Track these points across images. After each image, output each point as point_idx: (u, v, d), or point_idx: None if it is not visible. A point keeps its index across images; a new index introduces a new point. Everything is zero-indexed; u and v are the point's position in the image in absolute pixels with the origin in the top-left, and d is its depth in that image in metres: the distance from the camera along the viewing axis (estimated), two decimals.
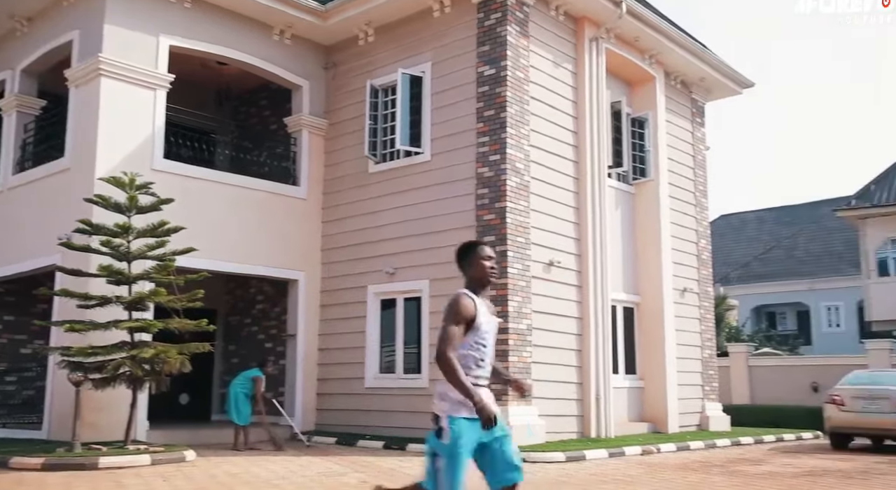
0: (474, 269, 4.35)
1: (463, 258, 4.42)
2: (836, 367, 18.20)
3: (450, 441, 4.06)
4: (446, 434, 4.07)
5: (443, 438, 4.09)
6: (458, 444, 4.06)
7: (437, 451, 4.12)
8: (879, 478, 9.65)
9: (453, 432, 4.06)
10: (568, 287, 13.30)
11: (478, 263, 4.34)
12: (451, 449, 4.05)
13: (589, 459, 10.88)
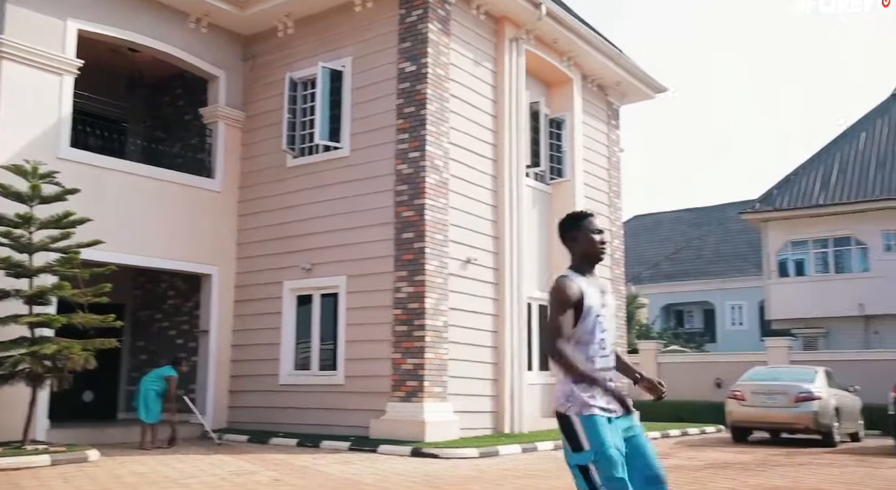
0: (581, 244, 3.74)
1: (567, 231, 3.80)
2: (738, 364, 18.96)
3: (593, 444, 3.40)
4: (584, 437, 3.42)
5: (582, 445, 3.42)
6: (604, 443, 3.40)
7: (583, 463, 3.41)
8: (776, 469, 10.10)
9: (593, 432, 3.41)
10: (485, 284, 13.43)
11: (586, 238, 3.73)
12: (599, 452, 3.38)
13: (502, 455, 11.02)
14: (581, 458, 3.41)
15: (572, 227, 3.77)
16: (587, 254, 3.73)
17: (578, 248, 3.74)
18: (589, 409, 3.43)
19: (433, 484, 8.03)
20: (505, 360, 13.41)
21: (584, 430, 3.42)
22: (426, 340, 11.96)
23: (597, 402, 3.45)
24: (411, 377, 11.93)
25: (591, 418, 3.42)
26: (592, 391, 3.46)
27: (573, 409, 3.46)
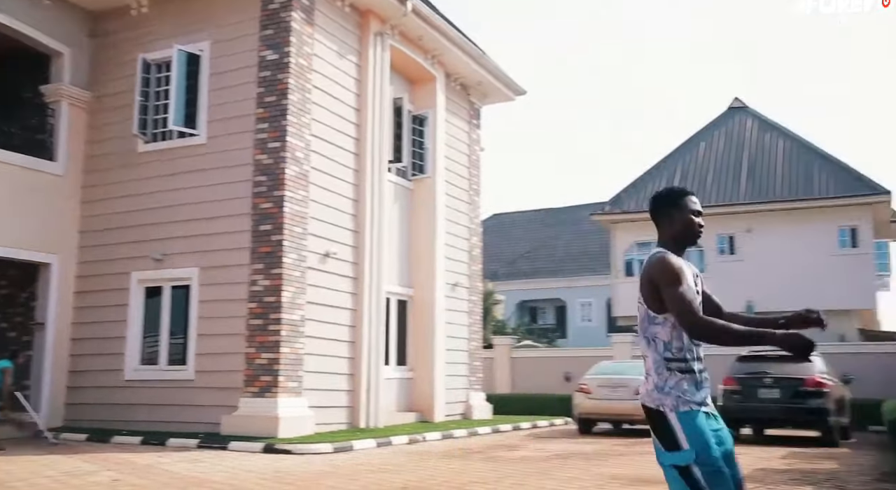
0: (677, 223, 3.27)
1: (663, 206, 3.32)
2: (586, 359, 19.79)
3: (692, 442, 2.99)
4: (682, 435, 3.01)
5: (680, 444, 3.01)
6: (706, 443, 3.00)
7: (680, 463, 3.01)
8: (618, 458, 10.65)
9: (692, 428, 3.01)
10: (343, 279, 13.35)
11: (684, 217, 3.28)
12: (699, 451, 2.98)
13: (357, 449, 10.99)
14: (678, 457, 3.00)
15: (670, 203, 3.31)
16: (682, 235, 3.28)
17: (672, 228, 3.28)
18: (686, 405, 3.04)
19: (284, 480, 7.91)
20: (362, 354, 13.39)
21: (684, 428, 3.01)
22: (282, 335, 11.75)
23: (694, 398, 3.06)
24: (265, 372, 11.69)
25: (690, 414, 3.03)
26: (690, 385, 3.08)
27: (669, 401, 3.05)
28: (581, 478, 8.42)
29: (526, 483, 7.96)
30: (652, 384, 3.12)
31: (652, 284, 3.12)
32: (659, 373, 3.10)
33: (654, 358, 3.13)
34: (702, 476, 2.95)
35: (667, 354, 3.10)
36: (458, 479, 8.21)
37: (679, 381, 3.07)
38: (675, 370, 3.08)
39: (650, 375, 3.14)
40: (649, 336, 3.15)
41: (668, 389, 3.07)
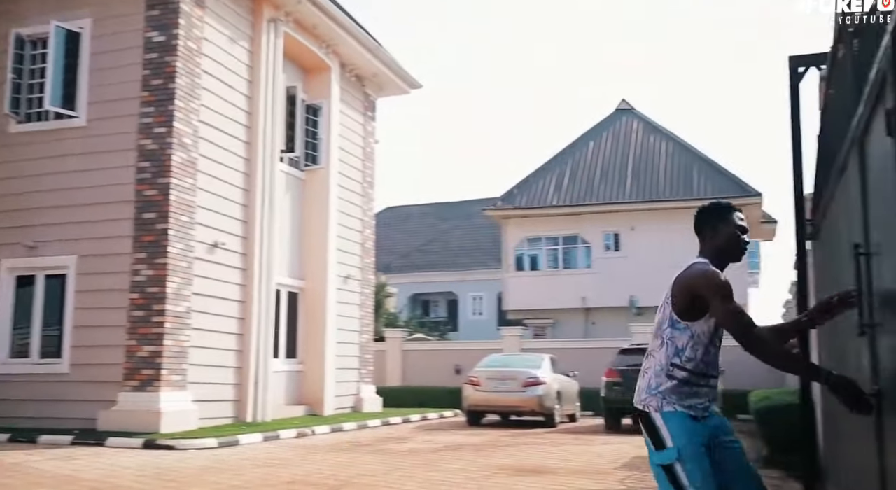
0: (722, 237, 3.21)
1: (710, 219, 3.26)
2: (476, 352, 20.09)
3: (676, 440, 3.01)
4: (666, 433, 3.03)
5: (665, 443, 3.02)
6: (688, 441, 3.00)
7: (665, 462, 3.03)
8: (504, 449, 10.85)
9: (675, 427, 3.02)
10: (232, 270, 13.02)
11: (731, 233, 3.21)
12: (684, 449, 2.99)
13: (243, 444, 10.76)
14: (664, 456, 3.02)
15: (719, 217, 3.24)
16: (726, 250, 3.21)
17: (716, 241, 3.22)
18: (670, 405, 3.05)
19: (164, 477, 7.65)
20: (251, 347, 13.10)
21: (668, 427, 3.03)
22: (166, 327, 11.34)
23: (682, 401, 3.06)
24: (147, 365, 11.26)
25: (674, 414, 3.04)
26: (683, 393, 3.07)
27: (653, 404, 3.08)
28: (468, 469, 8.54)
29: (414, 475, 8.00)
30: (645, 384, 3.13)
31: (691, 293, 3.06)
32: (658, 374, 3.10)
33: (660, 359, 3.11)
34: (683, 473, 2.96)
35: (675, 360, 3.08)
36: (346, 472, 8.17)
37: (673, 388, 3.06)
38: (676, 378, 3.07)
39: (647, 375, 3.15)
40: (665, 337, 3.12)
41: (657, 392, 3.08)
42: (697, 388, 3.07)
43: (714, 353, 3.11)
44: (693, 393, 3.07)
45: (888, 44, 2.19)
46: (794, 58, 4.09)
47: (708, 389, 3.11)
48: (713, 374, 3.13)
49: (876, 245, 2.82)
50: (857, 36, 2.88)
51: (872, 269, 2.94)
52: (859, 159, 3.03)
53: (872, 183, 2.87)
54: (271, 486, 7.19)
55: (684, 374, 3.06)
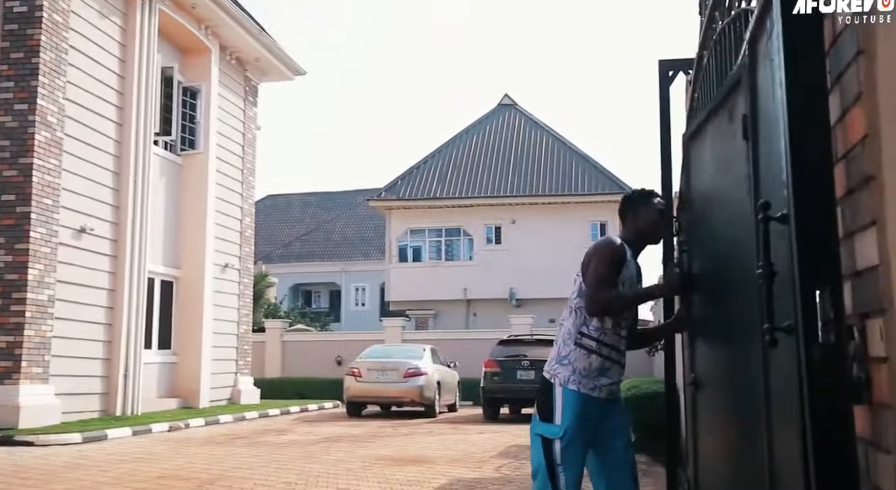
0: (642, 220, 3.31)
1: (634, 203, 3.37)
2: (358, 343, 20.05)
3: (566, 420, 3.02)
4: (559, 409, 3.04)
5: (554, 418, 3.04)
6: (574, 423, 3.02)
7: (548, 435, 3.05)
8: (384, 439, 10.88)
9: (570, 407, 3.03)
10: (101, 257, 12.41)
11: (650, 217, 3.31)
12: (569, 431, 3.02)
13: (111, 439, 10.31)
14: (547, 429, 3.06)
15: (642, 200, 3.35)
16: (644, 232, 3.32)
17: (636, 224, 3.33)
18: (575, 384, 3.06)
19: (22, 475, 7.22)
20: (120, 338, 12.55)
21: (564, 406, 3.04)
22: (26, 316, 10.69)
23: (589, 380, 3.07)
24: (5, 357, 10.58)
25: (575, 394, 3.05)
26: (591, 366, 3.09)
27: (564, 373, 3.08)
28: (347, 460, 8.51)
29: (292, 467, 7.90)
30: (555, 352, 3.16)
31: (587, 260, 3.21)
32: (566, 343, 3.13)
33: (567, 328, 3.16)
34: (559, 452, 3.01)
35: (582, 329, 3.11)
36: (221, 465, 7.97)
37: (581, 358, 3.08)
38: (584, 346, 3.09)
39: (556, 343, 3.19)
40: (573, 305, 3.17)
41: (567, 362, 3.09)
42: (608, 363, 3.11)
43: (620, 324, 3.16)
44: (603, 368, 3.10)
45: (746, 52, 2.32)
46: (663, 62, 4.28)
47: (618, 368, 3.16)
48: (621, 349, 3.18)
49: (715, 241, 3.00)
50: (720, 43, 3.04)
51: (693, 265, 3.16)
52: (686, 158, 3.22)
53: (697, 178, 3.07)
54: (140, 481, 6.92)
55: (591, 342, 3.09)
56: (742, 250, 2.40)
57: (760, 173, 2.22)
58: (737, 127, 2.48)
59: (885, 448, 1.51)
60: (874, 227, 1.53)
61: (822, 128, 1.59)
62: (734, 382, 2.73)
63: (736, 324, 2.62)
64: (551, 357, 3.18)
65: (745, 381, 2.43)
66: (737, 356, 2.64)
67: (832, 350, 1.54)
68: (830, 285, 1.54)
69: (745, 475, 2.55)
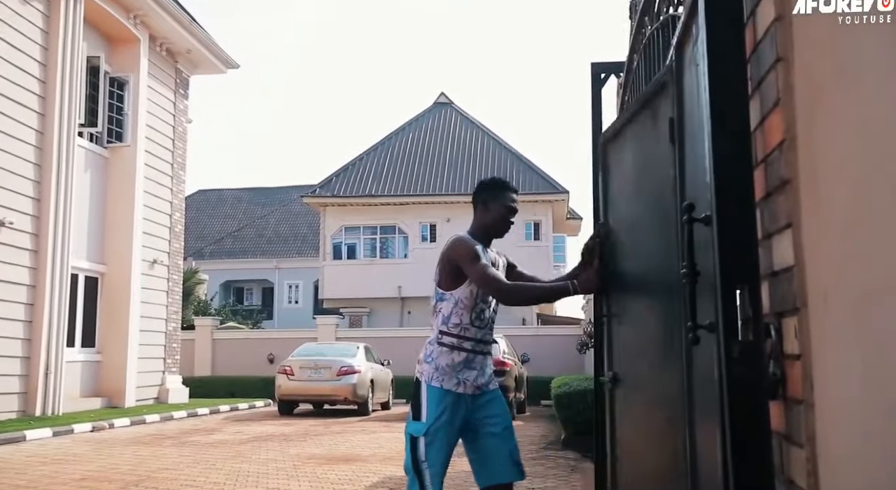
0: (490, 213, 3.29)
1: (484, 193, 3.32)
2: (291, 341, 19.82)
3: (430, 416, 3.06)
4: (425, 406, 3.08)
5: (421, 415, 3.08)
6: (436, 418, 3.06)
7: (414, 434, 3.09)
8: (316, 438, 10.78)
9: (434, 403, 3.07)
10: (21, 251, 11.96)
11: (499, 210, 3.29)
12: (432, 426, 3.05)
13: (30, 440, 9.94)
14: (414, 427, 3.09)
15: (492, 193, 3.32)
16: (491, 226, 3.30)
17: (484, 217, 3.31)
18: (438, 381, 3.09)
19: None
20: (41, 335, 12.12)
21: (429, 402, 3.08)
22: None
23: (453, 375, 3.10)
24: None
25: (438, 390, 3.09)
26: (453, 362, 3.11)
27: (426, 372, 3.13)
28: (278, 459, 8.40)
29: (220, 467, 7.76)
30: (423, 353, 3.19)
31: (450, 264, 3.17)
32: (430, 343, 3.17)
33: (433, 330, 3.21)
34: (423, 449, 3.04)
35: (442, 328, 3.15)
36: (146, 466, 7.77)
37: (443, 355, 3.12)
38: (446, 344, 3.13)
39: (425, 348, 3.21)
40: (435, 309, 3.21)
41: (430, 360, 3.13)
42: (470, 356, 3.13)
43: (481, 317, 3.17)
44: (466, 362, 3.12)
45: (673, 56, 2.38)
46: (595, 64, 4.36)
47: (482, 357, 3.17)
48: (484, 339, 3.19)
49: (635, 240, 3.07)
50: (649, 48, 3.11)
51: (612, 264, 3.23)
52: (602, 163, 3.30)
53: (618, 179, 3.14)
54: (60, 484, 6.69)
55: (451, 339, 3.12)
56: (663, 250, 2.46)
57: (686, 176, 2.28)
58: (661, 130, 2.53)
59: (798, 442, 1.56)
60: (790, 229, 1.58)
61: (742, 132, 1.64)
62: (654, 379, 2.79)
63: (658, 322, 2.68)
64: (420, 357, 3.21)
65: (665, 378, 2.49)
66: (657, 353, 2.71)
67: (750, 347, 1.59)
68: (749, 284, 1.59)
69: (666, 470, 2.61)
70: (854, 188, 1.30)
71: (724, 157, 1.62)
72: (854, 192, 1.30)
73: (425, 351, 3.19)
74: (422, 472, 3.04)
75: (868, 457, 1.26)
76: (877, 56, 1.25)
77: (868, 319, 1.26)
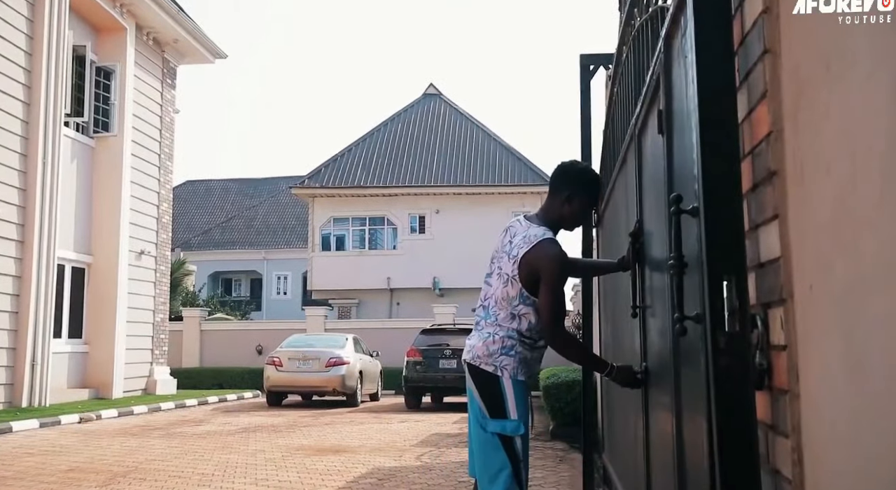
0: (577, 208, 3.04)
1: (569, 186, 3.04)
2: (280, 332, 19.79)
3: (521, 414, 2.88)
4: (512, 404, 2.87)
5: (508, 413, 2.87)
6: (527, 419, 2.91)
7: (507, 433, 2.87)
8: (305, 429, 10.79)
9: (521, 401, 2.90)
10: (7, 242, 11.90)
11: (586, 206, 3.07)
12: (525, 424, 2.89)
13: (16, 431, 9.90)
14: (504, 426, 2.87)
15: (583, 188, 3.05)
16: (568, 221, 3.07)
17: (564, 209, 3.05)
18: (524, 375, 2.91)
19: None
20: (27, 326, 12.06)
21: (515, 397, 2.87)
22: None
23: (529, 373, 2.96)
24: None
25: (523, 384, 2.90)
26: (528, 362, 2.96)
27: (510, 363, 2.90)
28: (266, 450, 8.40)
29: (209, 458, 7.76)
30: (499, 346, 2.94)
31: (535, 271, 2.92)
32: (506, 340, 2.96)
33: (509, 329, 2.97)
34: (521, 447, 2.89)
35: (527, 333, 2.97)
36: (134, 457, 7.76)
37: (524, 349, 2.96)
38: (527, 348, 2.98)
39: (492, 339, 2.97)
40: (516, 312, 2.97)
41: (514, 353, 2.93)
42: (541, 358, 3.07)
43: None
44: (538, 361, 3.05)
45: (661, 48, 2.38)
46: (584, 56, 4.36)
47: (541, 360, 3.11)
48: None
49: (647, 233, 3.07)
50: (638, 39, 3.11)
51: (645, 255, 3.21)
52: (637, 153, 3.29)
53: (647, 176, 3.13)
54: (47, 475, 6.67)
55: (532, 342, 3.00)
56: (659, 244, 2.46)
57: (674, 167, 2.29)
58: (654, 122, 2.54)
59: (784, 432, 1.58)
60: (776, 220, 1.59)
61: (730, 124, 1.64)
62: (653, 371, 2.80)
63: (658, 313, 2.68)
64: (487, 350, 2.97)
65: (660, 369, 2.50)
66: (658, 345, 2.71)
67: (737, 338, 1.60)
68: (736, 275, 1.60)
69: (656, 458, 2.63)
70: (840, 180, 1.30)
71: (711, 148, 1.63)
72: (840, 185, 1.30)
73: (495, 343, 2.96)
74: (521, 474, 2.87)
75: (853, 446, 1.27)
76: (864, 48, 1.26)
77: (853, 310, 1.27)
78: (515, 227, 3.10)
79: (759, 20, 1.66)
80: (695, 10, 1.65)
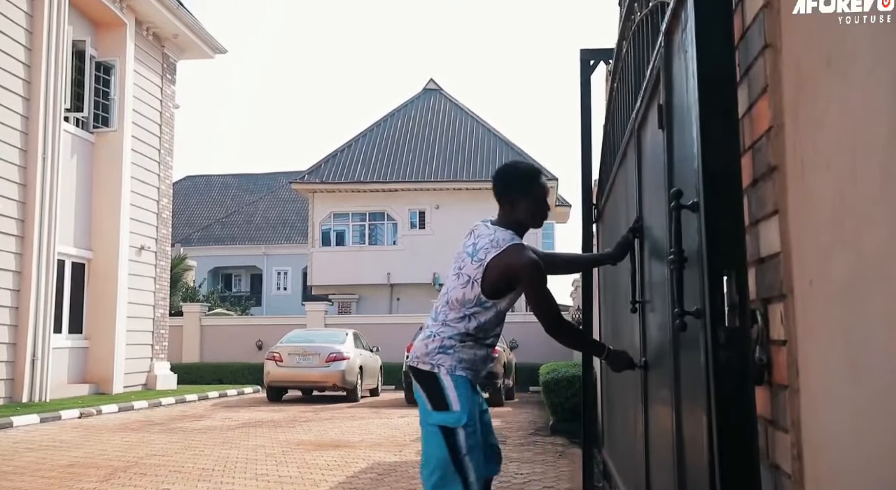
0: (531, 205, 3.04)
1: (522, 184, 3.05)
2: (280, 327, 19.80)
3: (462, 405, 2.91)
4: (453, 396, 2.92)
5: (450, 405, 2.91)
6: (472, 412, 2.94)
7: (448, 424, 2.91)
8: (305, 424, 10.80)
9: (464, 394, 2.93)
10: (7, 237, 11.90)
11: (540, 201, 3.06)
12: (467, 417, 2.91)
13: (17, 426, 9.92)
14: (445, 418, 2.91)
15: (527, 185, 3.05)
16: (530, 219, 3.06)
17: (524, 209, 3.04)
18: (463, 371, 2.96)
19: None
20: (28, 321, 12.06)
21: (457, 389, 2.92)
22: None
23: (472, 370, 3.00)
24: None
25: (463, 379, 2.95)
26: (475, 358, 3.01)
27: (448, 361, 2.95)
28: (267, 445, 8.41)
29: (209, 453, 7.77)
30: (436, 345, 2.99)
31: (506, 275, 2.91)
32: (444, 336, 3.00)
33: (455, 330, 3.00)
34: (464, 439, 2.89)
35: (474, 333, 3.00)
36: (134, 452, 7.77)
37: (465, 349, 2.99)
38: (469, 340, 3.01)
39: (432, 339, 3.02)
40: (468, 313, 2.99)
41: (452, 351, 2.97)
42: (488, 355, 3.08)
43: (504, 320, 3.11)
44: (484, 359, 3.06)
45: (662, 43, 2.38)
46: (584, 51, 4.35)
47: (490, 356, 3.13)
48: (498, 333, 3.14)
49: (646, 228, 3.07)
50: (638, 34, 3.10)
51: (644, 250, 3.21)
52: (637, 148, 3.28)
53: (647, 171, 3.13)
54: (47, 470, 6.68)
55: (478, 342, 3.03)
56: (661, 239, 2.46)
57: (674, 162, 2.28)
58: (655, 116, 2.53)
59: (783, 427, 1.58)
60: (776, 215, 1.59)
61: (730, 119, 1.64)
62: (655, 365, 2.80)
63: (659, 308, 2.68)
64: (430, 349, 3.01)
65: (660, 364, 2.50)
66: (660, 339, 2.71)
67: (737, 333, 1.60)
68: (736, 270, 1.59)
69: (656, 453, 2.63)
70: (840, 175, 1.30)
71: (711, 143, 1.62)
72: (840, 180, 1.30)
73: (434, 342, 3.01)
74: (465, 465, 2.89)
75: (853, 441, 1.27)
76: (865, 46, 1.25)
77: (853, 305, 1.27)
78: (480, 230, 3.08)
79: (759, 15, 1.65)
80: (696, 5, 1.64)
